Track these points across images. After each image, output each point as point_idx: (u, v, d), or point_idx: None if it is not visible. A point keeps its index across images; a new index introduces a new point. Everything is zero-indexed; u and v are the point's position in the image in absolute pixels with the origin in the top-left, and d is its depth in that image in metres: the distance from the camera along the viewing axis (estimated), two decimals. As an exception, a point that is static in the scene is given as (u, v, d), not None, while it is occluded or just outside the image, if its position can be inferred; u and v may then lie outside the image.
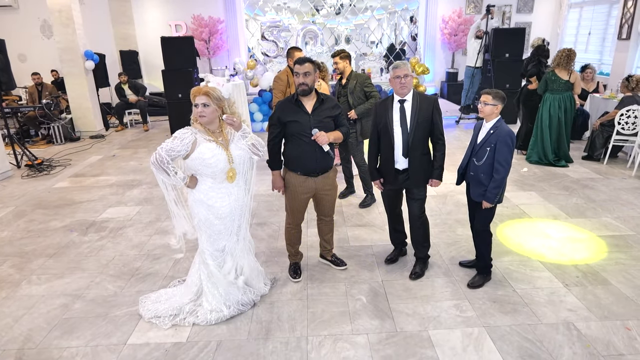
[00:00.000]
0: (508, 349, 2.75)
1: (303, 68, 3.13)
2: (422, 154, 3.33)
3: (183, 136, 2.75)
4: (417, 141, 3.28)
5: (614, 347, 2.76)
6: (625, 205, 4.88)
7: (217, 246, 3.02)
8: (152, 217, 4.89)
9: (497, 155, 3.11)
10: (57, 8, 8.15)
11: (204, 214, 2.93)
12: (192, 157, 2.79)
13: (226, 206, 2.94)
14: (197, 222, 2.97)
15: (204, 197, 2.90)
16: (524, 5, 11.09)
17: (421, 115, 3.24)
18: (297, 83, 3.18)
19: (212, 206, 2.91)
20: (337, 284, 3.51)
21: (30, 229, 4.67)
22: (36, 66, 9.78)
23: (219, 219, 2.96)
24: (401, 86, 3.23)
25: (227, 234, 3.03)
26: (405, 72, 3.22)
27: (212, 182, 2.89)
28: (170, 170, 2.75)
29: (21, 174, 6.56)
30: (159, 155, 2.72)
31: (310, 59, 3.18)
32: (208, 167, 2.81)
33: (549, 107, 6.23)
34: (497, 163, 3.12)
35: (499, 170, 3.11)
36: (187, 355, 2.78)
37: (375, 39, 12.13)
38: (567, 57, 5.98)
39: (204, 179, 2.89)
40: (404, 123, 3.28)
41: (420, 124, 3.25)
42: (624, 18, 8.35)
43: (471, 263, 3.67)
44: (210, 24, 10.87)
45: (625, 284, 3.41)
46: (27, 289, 3.56)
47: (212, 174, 2.85)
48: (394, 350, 2.77)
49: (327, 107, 3.26)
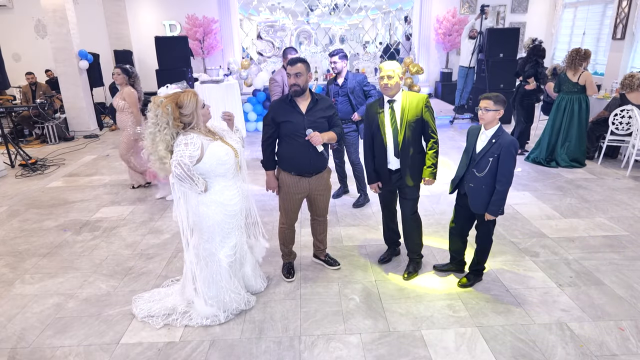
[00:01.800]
0: (501, 349, 2.76)
1: (294, 69, 3.12)
2: (414, 154, 3.31)
3: (191, 141, 2.66)
4: (408, 141, 3.27)
5: (607, 347, 2.77)
6: (619, 205, 4.90)
7: (230, 244, 3.00)
8: (145, 216, 4.87)
9: (501, 166, 3.00)
10: (51, 8, 8.12)
11: (219, 215, 2.88)
12: (205, 160, 2.73)
13: (237, 202, 2.95)
14: (210, 226, 2.89)
15: (219, 197, 2.85)
16: (519, 5, 11.12)
17: (411, 114, 3.23)
18: (289, 84, 3.18)
19: (227, 205, 2.88)
20: (330, 284, 3.51)
21: (24, 229, 4.64)
22: (30, 66, 9.74)
23: (232, 217, 2.94)
24: (384, 86, 3.22)
25: (238, 230, 3.03)
26: (389, 73, 3.18)
27: (223, 180, 2.86)
28: (195, 177, 2.69)
29: (15, 173, 6.52)
30: (183, 164, 2.62)
31: (302, 59, 3.17)
32: (223, 165, 2.79)
33: (555, 108, 6.27)
34: (501, 175, 3.02)
35: (503, 182, 3.03)
36: (180, 355, 2.77)
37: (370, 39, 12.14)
38: (572, 58, 5.98)
39: (215, 179, 2.84)
40: (394, 123, 3.27)
41: (410, 123, 3.24)
42: (619, 18, 8.39)
43: (446, 267, 3.65)
44: (205, 24, 10.84)
45: (619, 284, 3.42)
46: (20, 288, 3.54)
47: (224, 172, 2.83)
48: (386, 350, 2.77)
49: (321, 107, 3.26)
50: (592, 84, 6.09)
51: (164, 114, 2.62)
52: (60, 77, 8.63)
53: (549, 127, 6.39)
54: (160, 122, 2.63)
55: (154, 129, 2.65)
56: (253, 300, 3.24)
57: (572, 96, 6.15)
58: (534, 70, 6.57)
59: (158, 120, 2.64)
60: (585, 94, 6.11)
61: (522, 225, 4.46)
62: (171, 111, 2.62)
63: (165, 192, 5.29)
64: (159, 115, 2.63)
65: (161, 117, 2.63)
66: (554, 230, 4.34)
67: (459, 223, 3.44)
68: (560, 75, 6.21)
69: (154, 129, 2.65)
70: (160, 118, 2.63)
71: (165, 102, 2.64)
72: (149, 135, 2.68)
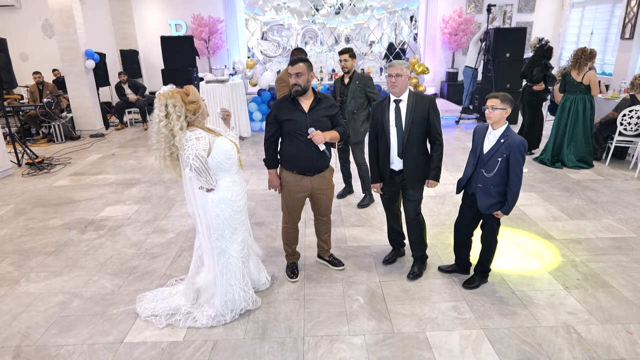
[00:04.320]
0: (506, 352, 2.73)
1: (295, 69, 3.12)
2: (418, 155, 3.29)
3: (200, 135, 2.69)
4: (413, 142, 3.24)
5: (615, 351, 2.73)
6: (627, 207, 4.85)
7: (238, 240, 3.00)
8: (150, 215, 4.88)
9: (512, 166, 2.98)
10: (58, 8, 8.17)
11: (229, 212, 2.88)
12: (214, 155, 2.75)
13: (243, 197, 2.97)
14: (220, 224, 2.89)
15: (227, 194, 2.86)
16: (525, 5, 11.05)
17: (416, 115, 3.20)
18: (291, 84, 3.19)
19: (234, 201, 2.89)
20: (334, 285, 3.49)
21: (30, 227, 4.66)
22: (37, 65, 9.80)
23: (238, 213, 2.94)
24: (391, 85, 3.19)
25: (243, 225, 3.03)
26: (398, 71, 3.15)
27: (229, 176, 2.87)
28: (210, 170, 2.72)
29: (22, 172, 6.56)
30: (200, 156, 2.64)
31: (303, 59, 3.16)
32: (230, 159, 2.81)
33: (560, 109, 6.22)
34: (513, 175, 2.99)
35: (515, 182, 3.00)
36: (183, 355, 2.76)
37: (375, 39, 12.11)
38: (578, 57, 5.92)
39: (223, 175, 2.85)
40: (399, 123, 3.24)
41: (416, 124, 3.21)
42: (627, 17, 8.31)
43: (450, 268, 3.63)
44: (210, 24, 10.86)
45: (627, 287, 3.38)
46: (25, 286, 3.56)
47: (230, 166, 2.84)
48: (390, 352, 2.75)
49: (324, 106, 3.25)
50: (597, 84, 6.05)
51: (177, 102, 2.64)
52: (67, 77, 8.68)
53: (554, 127, 6.34)
54: (173, 112, 2.64)
55: (165, 122, 2.65)
56: (259, 301, 3.24)
57: (576, 96, 6.09)
58: (543, 75, 6.51)
59: (168, 111, 2.64)
60: (590, 94, 6.06)
61: (529, 227, 4.42)
62: (181, 98, 2.67)
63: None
64: (170, 104, 2.64)
65: (173, 107, 2.64)
66: (560, 232, 4.29)
67: (464, 223, 3.41)
68: (565, 76, 6.15)
69: (165, 122, 2.65)
70: (172, 107, 2.64)
71: (172, 92, 2.68)
72: (162, 128, 2.66)
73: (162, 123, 2.67)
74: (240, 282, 3.05)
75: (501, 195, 3.08)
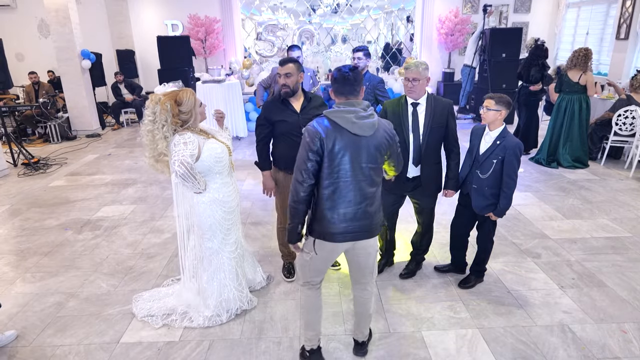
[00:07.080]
0: (502, 351, 2.75)
1: (284, 69, 3.08)
2: (434, 163, 3.18)
3: (189, 140, 2.64)
4: (430, 149, 3.10)
5: (610, 350, 2.75)
6: (622, 206, 4.87)
7: (231, 241, 3.00)
8: (146, 216, 4.87)
9: (506, 169, 2.97)
10: (54, 7, 8.14)
11: (220, 213, 2.88)
12: (203, 158, 2.71)
13: (234, 199, 2.97)
14: (211, 225, 2.88)
15: (218, 195, 2.85)
16: (521, 5, 11.08)
17: (435, 121, 3.04)
18: (279, 84, 3.14)
19: (226, 202, 2.89)
20: (330, 284, 3.49)
21: (26, 227, 4.65)
22: (33, 65, 9.76)
23: (230, 213, 2.94)
24: (409, 90, 3.03)
25: (235, 226, 3.04)
26: (415, 75, 2.95)
27: (220, 178, 2.86)
28: (197, 175, 2.68)
29: (18, 172, 6.54)
30: (186, 162, 2.59)
31: (293, 60, 3.13)
32: (220, 162, 2.79)
33: (556, 109, 6.25)
34: (507, 177, 2.98)
35: (510, 184, 2.99)
36: (180, 355, 2.76)
37: (372, 39, 12.11)
38: (577, 58, 5.94)
39: (213, 177, 2.83)
40: (416, 129, 3.07)
41: (434, 130, 3.05)
42: (622, 18, 8.35)
43: (446, 268, 3.64)
44: (207, 24, 10.84)
45: (622, 286, 3.40)
46: (21, 286, 3.55)
47: (221, 169, 2.83)
48: (387, 351, 2.76)
49: (314, 105, 3.21)
50: (593, 84, 6.08)
51: (163, 111, 2.61)
52: (63, 77, 8.65)
53: (550, 127, 6.37)
54: (158, 120, 2.62)
55: (152, 127, 2.64)
56: (255, 300, 3.24)
57: (572, 96, 6.12)
58: (540, 75, 6.53)
59: (156, 117, 2.62)
60: (586, 94, 6.09)
61: (524, 226, 4.44)
62: (170, 108, 2.61)
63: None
64: (157, 112, 2.61)
65: (160, 114, 2.61)
66: (556, 232, 4.31)
67: (460, 223, 3.42)
68: (562, 76, 6.18)
69: (152, 127, 2.64)
70: (159, 115, 2.61)
71: (164, 99, 2.63)
72: (147, 133, 2.66)
73: (147, 128, 2.65)
74: (235, 281, 3.05)
75: (495, 197, 3.08)
